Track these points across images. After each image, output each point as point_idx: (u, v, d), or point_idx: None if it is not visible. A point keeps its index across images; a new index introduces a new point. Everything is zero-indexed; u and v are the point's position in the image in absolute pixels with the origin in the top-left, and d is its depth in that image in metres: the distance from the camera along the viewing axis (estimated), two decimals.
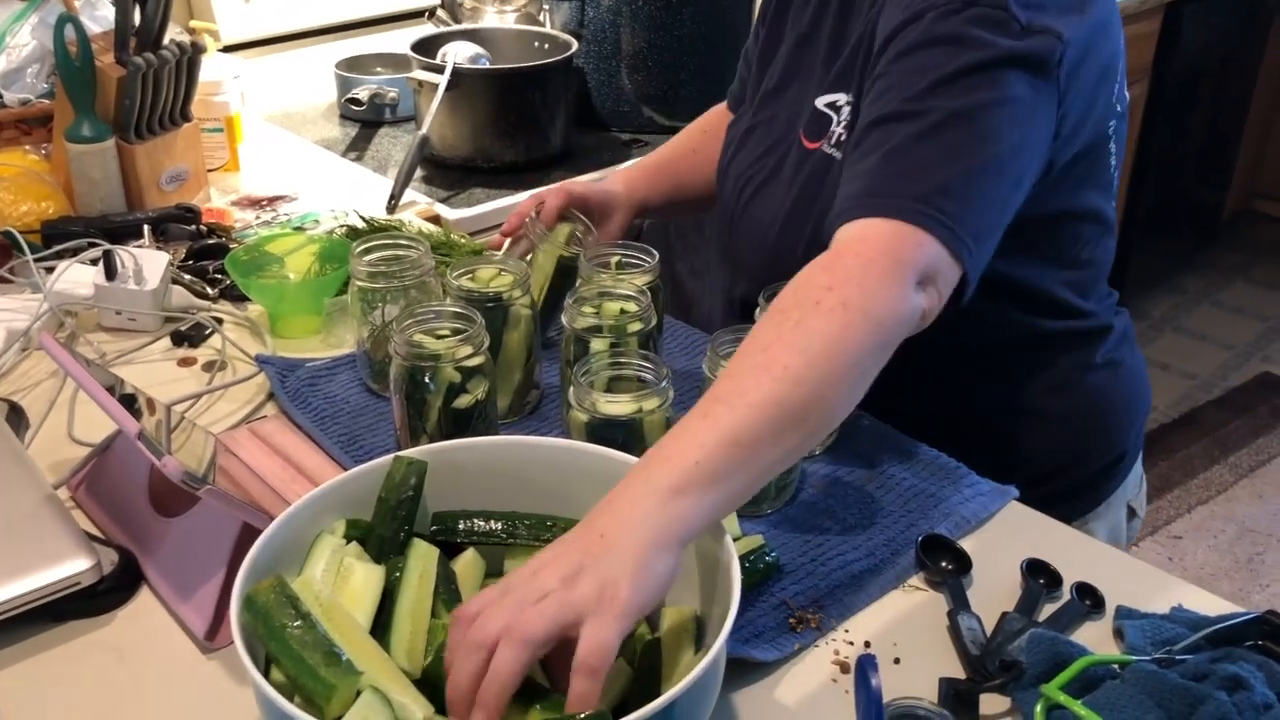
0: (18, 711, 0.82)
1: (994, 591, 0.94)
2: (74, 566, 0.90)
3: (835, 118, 1.10)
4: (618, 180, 1.33)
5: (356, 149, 1.94)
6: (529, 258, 1.23)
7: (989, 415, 1.18)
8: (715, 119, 1.38)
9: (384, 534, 0.81)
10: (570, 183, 1.28)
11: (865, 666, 0.63)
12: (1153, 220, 3.35)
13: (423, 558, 0.77)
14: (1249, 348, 3.39)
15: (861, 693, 0.64)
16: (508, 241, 1.26)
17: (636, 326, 1.05)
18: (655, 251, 1.15)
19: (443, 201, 1.74)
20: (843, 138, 1.08)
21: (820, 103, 1.12)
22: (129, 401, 1.01)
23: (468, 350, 1.00)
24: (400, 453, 0.84)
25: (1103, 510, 1.23)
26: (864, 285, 0.85)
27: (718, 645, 0.69)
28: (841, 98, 1.10)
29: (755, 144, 1.22)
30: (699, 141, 1.37)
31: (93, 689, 0.85)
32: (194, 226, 1.51)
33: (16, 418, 1.14)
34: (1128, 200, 3.24)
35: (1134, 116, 3.09)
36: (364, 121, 2.03)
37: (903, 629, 0.91)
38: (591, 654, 0.67)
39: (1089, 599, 0.92)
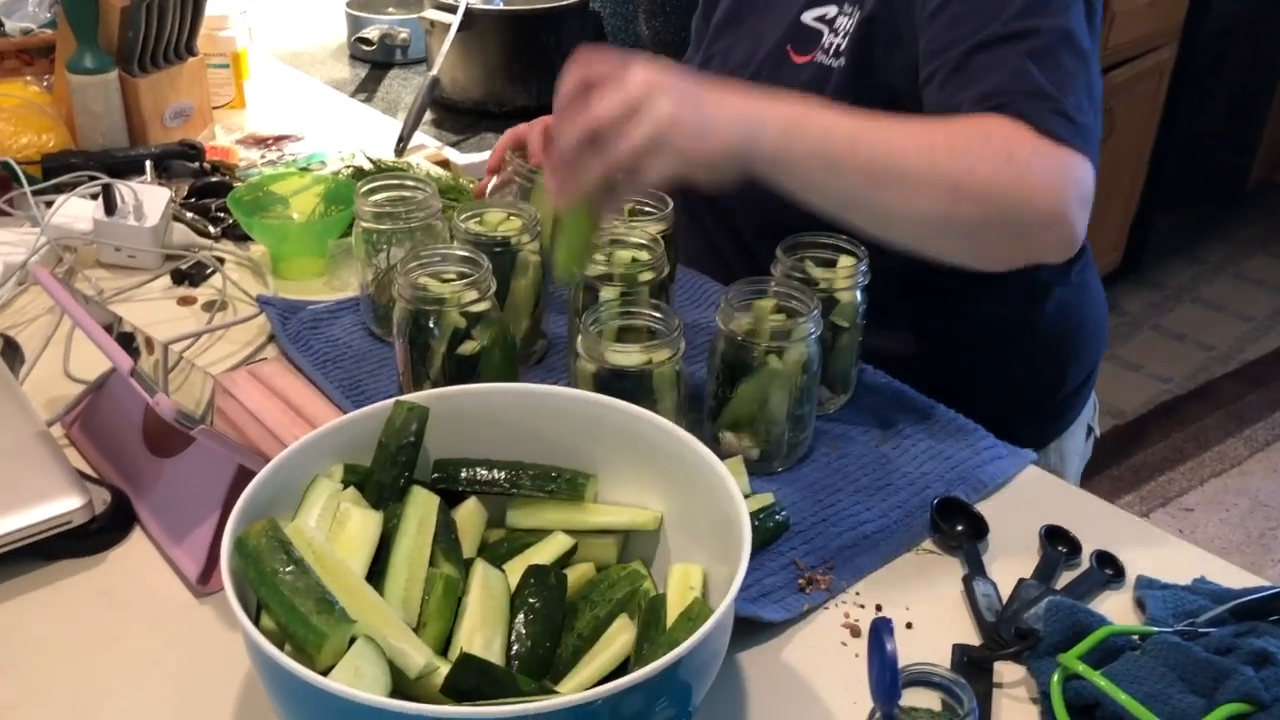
0: (6, 650, 0.80)
1: (1010, 557, 0.91)
2: (65, 505, 0.87)
3: (826, 30, 1.09)
4: None
5: (365, 90, 1.89)
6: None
7: (974, 336, 1.17)
8: None
9: (383, 480, 0.78)
10: (550, 117, 1.23)
11: (880, 630, 0.60)
12: (1174, 188, 3.29)
13: (422, 505, 0.75)
14: (1268, 320, 3.34)
15: (875, 657, 0.61)
16: (491, 184, 1.21)
17: (648, 276, 1.02)
18: (669, 199, 1.11)
19: (452, 145, 1.70)
20: (842, 46, 1.07)
21: (808, 17, 1.12)
22: (127, 340, 0.99)
23: (473, 295, 0.97)
24: (402, 397, 0.81)
25: (1073, 430, 1.25)
26: (1034, 159, 0.88)
27: (725, 603, 0.66)
28: (831, 10, 1.09)
29: (714, 71, 1.20)
30: None
31: (82, 631, 0.83)
32: (197, 164, 1.47)
33: (12, 353, 1.11)
34: (1150, 166, 3.18)
35: (1160, 80, 3.03)
36: (374, 62, 1.99)
37: (916, 593, 0.88)
38: (669, 150, 0.81)
39: (1109, 568, 0.90)
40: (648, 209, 1.11)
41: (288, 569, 0.65)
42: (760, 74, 1.15)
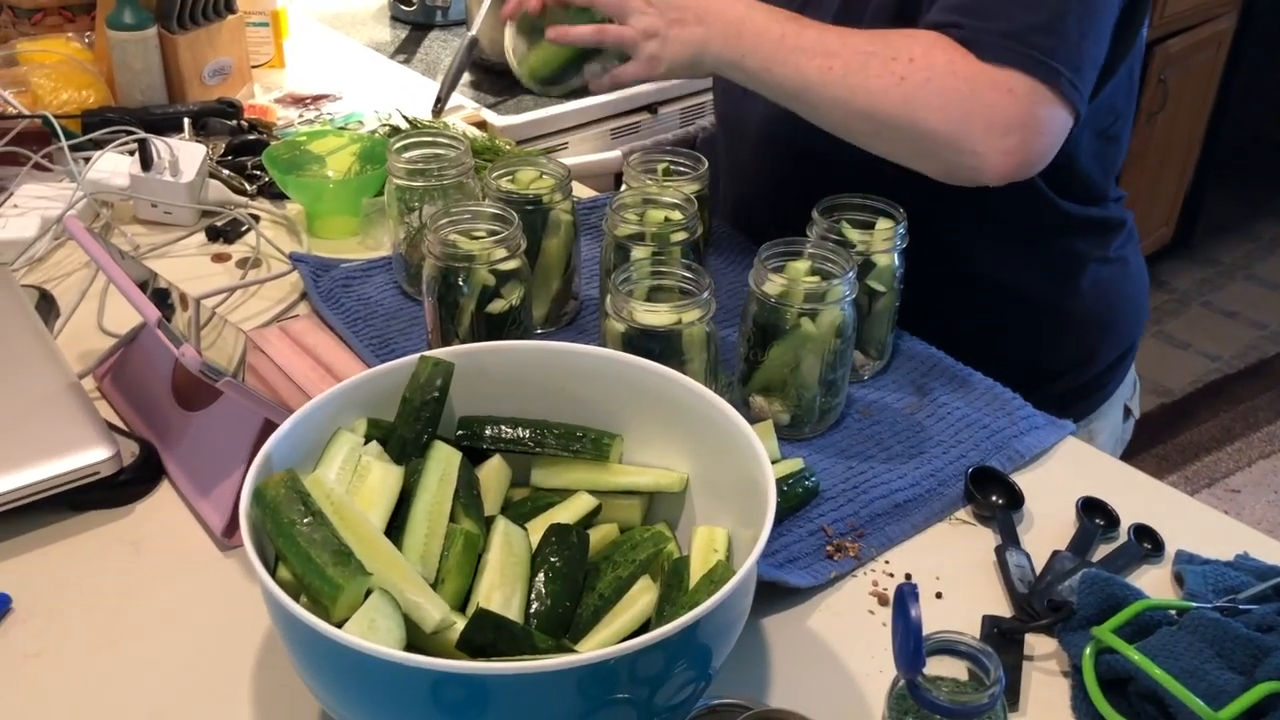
0: (32, 598, 0.81)
1: (1046, 529, 0.89)
2: (94, 455, 0.87)
3: None
4: None
5: (405, 51, 1.88)
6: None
7: (1010, 308, 1.15)
8: None
9: (406, 435, 0.77)
10: None
11: (905, 596, 0.59)
12: (1230, 162, 3.21)
13: (444, 460, 0.74)
14: None
15: (899, 623, 0.60)
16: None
17: (681, 236, 1.00)
18: (705, 159, 1.09)
19: (490, 108, 1.68)
20: None
21: None
22: (162, 296, 0.99)
23: (503, 253, 0.95)
24: (427, 353, 0.80)
25: (1105, 410, 1.23)
26: (955, 97, 0.91)
27: (747, 565, 0.64)
28: None
29: None
30: None
31: (108, 580, 0.83)
32: (235, 122, 1.47)
33: (47, 306, 1.12)
34: (1205, 139, 3.10)
35: (1219, 51, 2.94)
36: (414, 24, 1.97)
37: (947, 563, 0.86)
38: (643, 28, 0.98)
39: (1148, 541, 0.87)
40: (682, 168, 1.09)
41: (305, 520, 0.64)
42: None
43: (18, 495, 0.84)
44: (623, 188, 1.08)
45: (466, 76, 1.74)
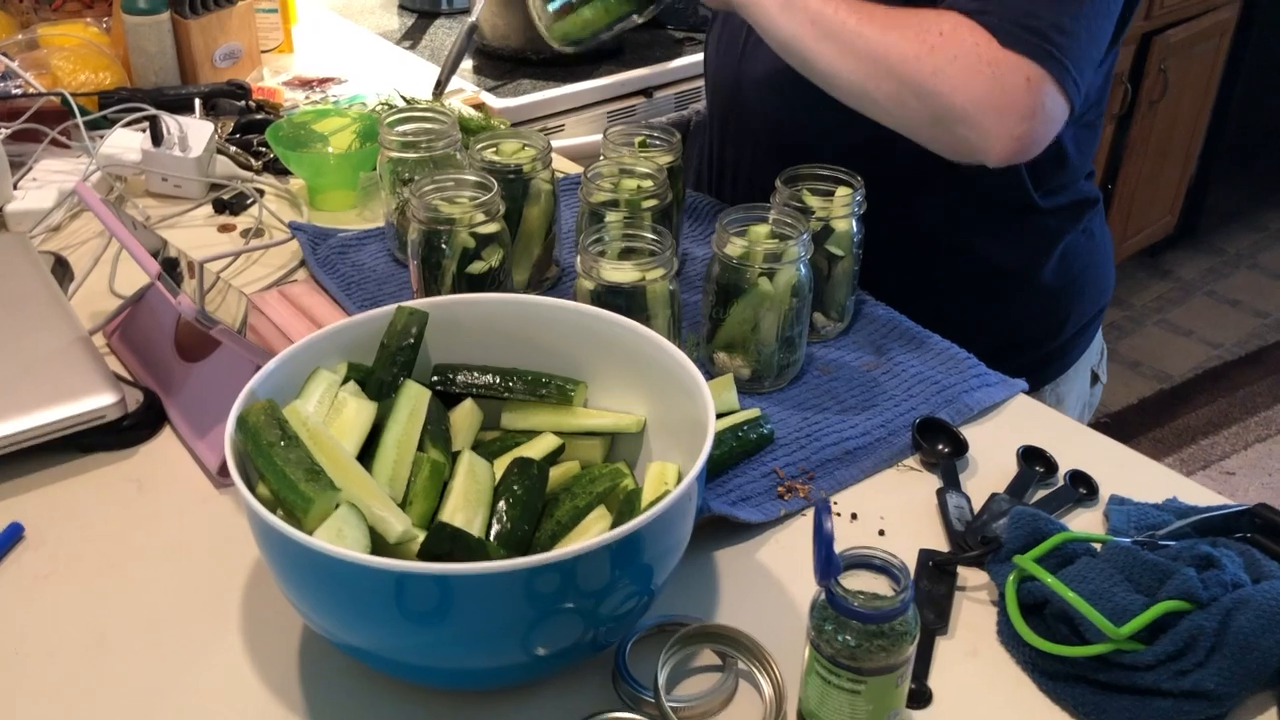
0: (43, 528, 0.88)
1: (988, 476, 0.95)
2: (101, 401, 0.94)
3: None
4: None
5: (411, 38, 1.95)
6: None
7: (988, 282, 1.21)
8: None
9: (383, 377, 0.84)
10: None
11: (820, 511, 0.64)
12: (1235, 152, 3.24)
13: (414, 397, 0.80)
14: None
15: (817, 537, 0.65)
16: None
17: (651, 203, 1.06)
18: (677, 132, 1.15)
19: (489, 91, 1.75)
20: None
21: None
22: (171, 264, 1.05)
23: (482, 217, 1.02)
24: (403, 303, 0.87)
25: (1073, 374, 1.28)
26: (977, 80, 0.95)
27: (686, 482, 0.70)
28: None
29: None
30: None
31: (113, 514, 0.90)
32: (244, 102, 1.54)
33: (62, 270, 1.19)
34: (1210, 129, 3.13)
35: (1221, 40, 2.97)
36: (421, 11, 2.04)
37: (891, 504, 0.92)
38: None
39: (1083, 487, 0.93)
40: (656, 141, 1.15)
41: (281, 442, 0.71)
42: None
43: (31, 435, 0.92)
44: (600, 159, 1.14)
45: (468, 61, 1.81)
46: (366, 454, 0.78)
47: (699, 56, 1.83)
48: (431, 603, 0.65)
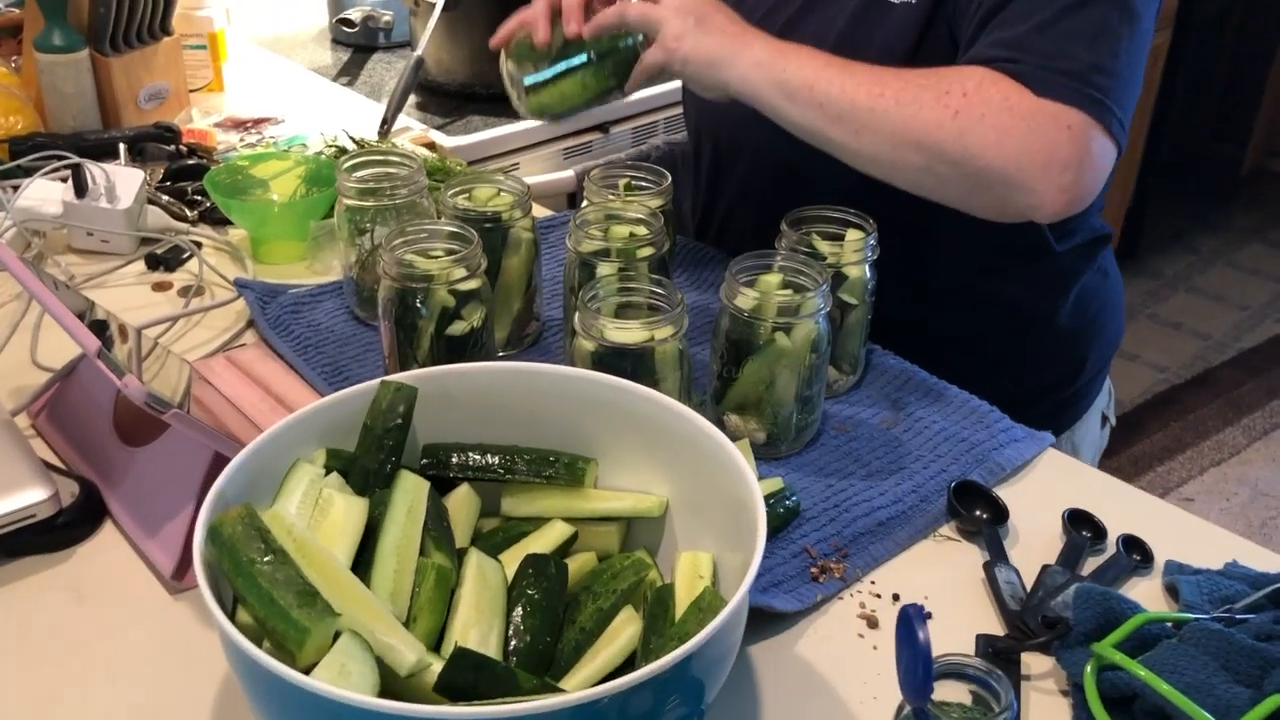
0: None
1: (1032, 543, 0.87)
2: (30, 497, 0.82)
3: None
4: None
5: (348, 74, 1.84)
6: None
7: (1002, 322, 1.14)
8: None
9: (369, 465, 0.73)
10: None
11: (911, 618, 0.55)
12: (1168, 176, 3.26)
13: (411, 491, 0.69)
14: (1264, 309, 3.31)
15: (906, 648, 0.56)
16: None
17: (647, 251, 0.97)
18: (667, 173, 1.06)
19: (438, 129, 1.64)
20: None
21: None
22: (100, 327, 0.93)
23: (463, 272, 0.92)
24: (388, 377, 0.76)
25: (1086, 419, 1.23)
26: (1013, 130, 0.88)
27: (741, 591, 0.61)
28: None
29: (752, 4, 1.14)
30: None
31: (47, 632, 0.77)
32: (173, 147, 1.42)
33: None
34: (1144, 155, 3.15)
35: (1155, 66, 2.99)
36: (356, 46, 1.93)
37: (934, 581, 0.83)
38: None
39: (1137, 553, 0.85)
40: (645, 184, 1.06)
41: (266, 559, 0.59)
42: (861, 21, 1.08)
43: None
44: (584, 204, 1.04)
45: (413, 98, 1.70)
46: (359, 560, 0.67)
47: (656, 90, 1.75)
48: None
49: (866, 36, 1.03)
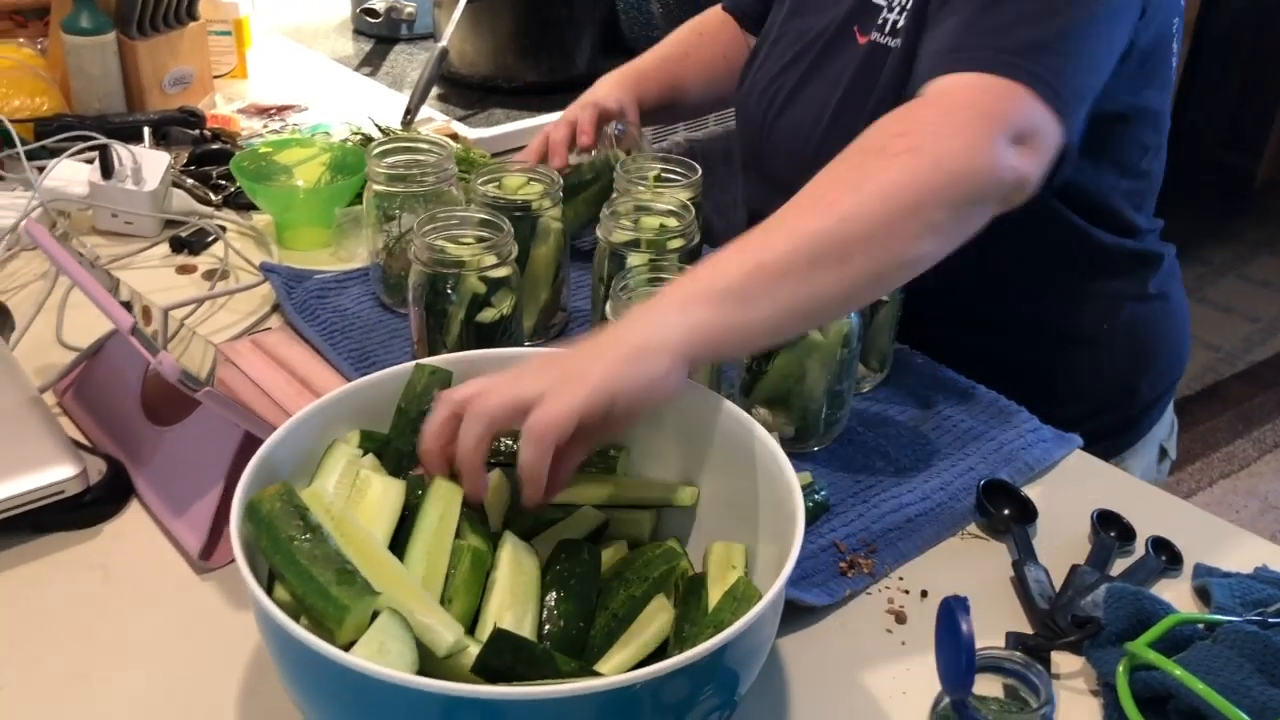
0: None
1: (1059, 543, 0.86)
2: (58, 474, 0.82)
3: (885, 5, 1.04)
4: (622, 86, 1.24)
5: (370, 65, 1.84)
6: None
7: (1043, 344, 1.11)
8: (709, 21, 1.32)
9: (402, 448, 0.72)
10: (595, 100, 1.20)
11: (954, 609, 0.55)
12: (1181, 188, 3.25)
13: (444, 497, 0.68)
14: (1274, 322, 3.30)
15: (948, 639, 0.56)
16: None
17: (678, 243, 0.97)
18: (697, 166, 1.06)
19: (460, 120, 1.64)
20: (899, 24, 1.01)
21: None
22: (125, 308, 0.93)
23: (493, 259, 0.91)
24: (422, 360, 0.76)
25: (1139, 448, 1.18)
26: (940, 133, 0.78)
27: (780, 581, 0.61)
28: None
29: (783, 50, 1.14)
30: (693, 44, 1.30)
31: (74, 607, 0.77)
32: (198, 131, 1.42)
33: (2, 319, 1.06)
34: None
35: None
36: (379, 37, 1.93)
37: (961, 578, 0.83)
38: (537, 422, 0.64)
39: (1165, 555, 0.85)
40: (675, 176, 1.06)
41: (305, 536, 0.59)
42: (825, 51, 1.09)
43: None
44: (614, 195, 1.04)
45: (435, 89, 1.70)
46: (394, 541, 0.66)
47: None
48: None
49: (869, 84, 1.03)
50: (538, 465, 0.65)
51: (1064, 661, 0.76)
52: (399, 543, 0.66)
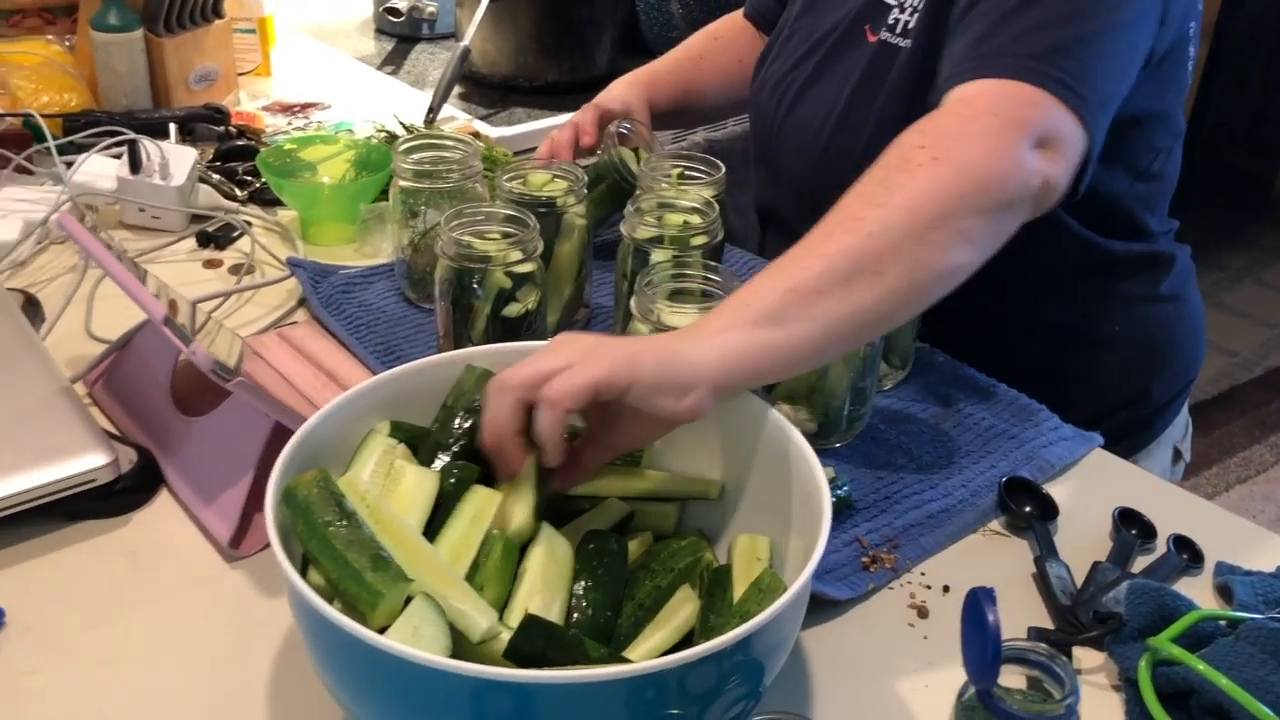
0: (24, 612, 0.76)
1: (1080, 540, 0.87)
2: (89, 462, 0.83)
3: (897, 5, 1.04)
4: (631, 88, 1.25)
5: (392, 63, 1.85)
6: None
7: (1054, 346, 1.12)
8: (727, 26, 1.33)
9: (441, 440, 0.73)
10: (598, 101, 1.21)
11: (982, 600, 0.56)
12: (1199, 192, 3.24)
13: (478, 503, 0.69)
14: None
15: (975, 630, 0.57)
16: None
17: (701, 240, 0.97)
18: (720, 163, 1.07)
19: (481, 119, 1.65)
20: (910, 25, 1.02)
21: None
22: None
23: (519, 255, 0.92)
24: (471, 362, 0.76)
25: (1153, 449, 1.19)
26: (962, 141, 0.78)
27: (806, 573, 0.61)
28: None
29: (794, 47, 1.15)
30: (708, 48, 1.31)
31: (106, 593, 0.78)
32: (223, 128, 1.43)
33: (33, 310, 1.07)
34: None
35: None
36: (400, 36, 1.94)
37: (983, 574, 0.83)
38: (553, 387, 0.66)
39: (1186, 553, 0.85)
40: (699, 173, 1.07)
41: (341, 522, 0.60)
42: (835, 49, 1.10)
43: (11, 503, 0.79)
44: (637, 192, 1.05)
45: (457, 88, 1.71)
46: (427, 530, 0.67)
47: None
48: (520, 714, 0.55)
49: (878, 83, 1.03)
50: (554, 427, 0.66)
51: (1085, 657, 0.77)
52: (429, 536, 0.67)
